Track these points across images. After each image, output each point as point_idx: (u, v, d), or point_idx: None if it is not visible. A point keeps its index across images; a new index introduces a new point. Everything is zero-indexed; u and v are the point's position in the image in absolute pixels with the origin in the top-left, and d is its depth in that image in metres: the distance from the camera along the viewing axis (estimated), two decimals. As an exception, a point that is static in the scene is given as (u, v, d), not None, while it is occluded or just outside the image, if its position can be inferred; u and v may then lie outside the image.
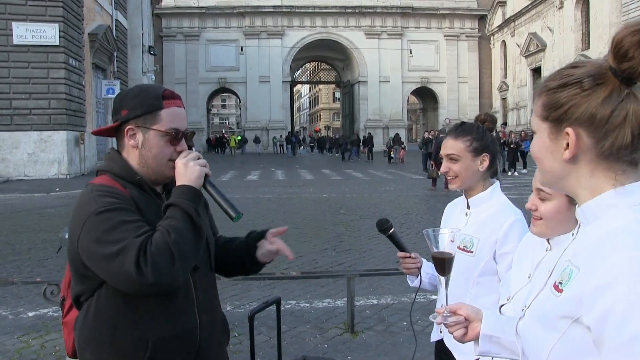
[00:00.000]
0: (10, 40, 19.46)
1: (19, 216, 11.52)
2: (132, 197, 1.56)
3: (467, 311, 1.27)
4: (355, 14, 46.27)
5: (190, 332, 1.59)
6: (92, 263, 1.47)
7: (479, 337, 1.25)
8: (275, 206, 12.81)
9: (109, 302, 1.53)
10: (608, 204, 0.96)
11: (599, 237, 0.94)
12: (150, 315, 1.54)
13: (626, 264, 0.85)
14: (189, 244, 1.47)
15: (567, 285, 0.95)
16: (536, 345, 1.01)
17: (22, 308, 5.28)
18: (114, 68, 27.16)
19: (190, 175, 1.55)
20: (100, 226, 1.44)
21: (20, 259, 7.37)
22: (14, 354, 4.22)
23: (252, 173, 23.76)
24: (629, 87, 0.94)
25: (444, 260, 1.37)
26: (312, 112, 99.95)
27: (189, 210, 1.49)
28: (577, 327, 0.92)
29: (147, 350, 1.52)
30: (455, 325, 1.27)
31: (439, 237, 1.37)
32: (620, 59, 0.93)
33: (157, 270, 1.39)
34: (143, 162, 1.61)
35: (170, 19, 45.09)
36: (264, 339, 4.40)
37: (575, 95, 0.97)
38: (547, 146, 1.02)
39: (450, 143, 2.04)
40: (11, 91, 19.55)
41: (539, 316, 1.02)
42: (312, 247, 8.04)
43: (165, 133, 1.59)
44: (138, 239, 1.42)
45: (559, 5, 36.33)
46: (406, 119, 50.31)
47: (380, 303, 5.35)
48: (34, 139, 19.82)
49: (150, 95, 1.61)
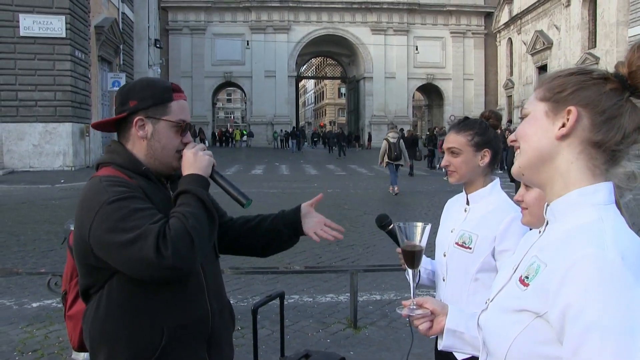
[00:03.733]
0: (17, 32, 19.47)
1: (24, 207, 11.56)
2: (141, 186, 1.56)
3: (433, 305, 1.29)
4: (361, 10, 46.11)
5: (202, 318, 1.61)
6: (106, 253, 1.46)
7: (443, 332, 1.27)
8: (280, 201, 12.82)
9: (122, 292, 1.53)
10: (574, 202, 1.00)
11: (564, 234, 0.98)
12: (164, 303, 1.54)
13: (585, 260, 0.89)
14: (205, 229, 1.49)
15: (534, 280, 0.98)
16: (498, 337, 1.03)
17: (27, 298, 5.31)
18: (120, 61, 27.17)
19: (199, 164, 1.58)
20: (114, 215, 1.44)
21: (24, 250, 7.40)
22: (18, 344, 4.24)
23: (256, 167, 23.77)
24: (630, 94, 1.00)
25: (413, 253, 1.36)
26: (317, 107, 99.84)
27: (202, 197, 1.51)
28: (540, 320, 0.95)
29: (162, 338, 1.52)
30: (421, 319, 1.28)
31: (410, 229, 1.37)
32: (629, 67, 1.00)
33: (177, 254, 1.39)
34: (151, 153, 1.62)
35: (176, 12, 45.03)
36: (267, 332, 4.41)
37: (585, 81, 1.01)
38: (541, 124, 1.03)
39: (452, 137, 2.04)
40: (17, 83, 19.58)
41: (502, 309, 1.04)
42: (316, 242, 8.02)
43: (176, 124, 1.62)
44: (155, 225, 1.42)
45: (566, 3, 36.12)
46: (411, 115, 50.19)
47: (384, 298, 5.36)
48: (39, 130, 19.87)
49: (161, 87, 1.65)
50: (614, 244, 0.91)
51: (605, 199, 1.00)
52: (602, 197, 0.99)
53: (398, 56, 46.39)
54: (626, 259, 0.89)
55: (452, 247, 2.01)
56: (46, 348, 4.16)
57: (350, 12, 46.11)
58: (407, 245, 1.37)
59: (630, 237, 0.96)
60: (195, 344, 1.59)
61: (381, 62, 46.37)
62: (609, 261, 0.89)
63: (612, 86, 1.00)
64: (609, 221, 0.96)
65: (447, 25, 47.26)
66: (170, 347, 1.53)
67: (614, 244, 0.91)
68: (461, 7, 46.88)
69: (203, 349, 1.61)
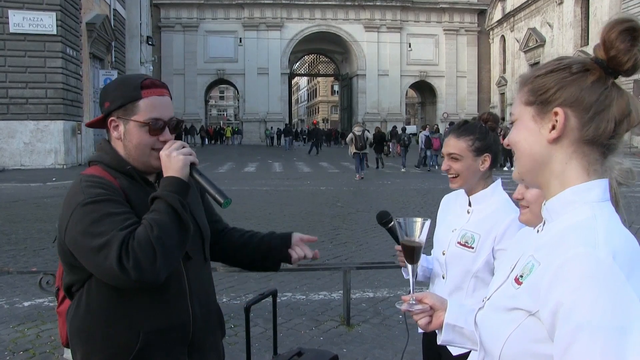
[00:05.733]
0: (7, 28, 19.36)
1: (15, 206, 11.49)
2: (122, 187, 1.54)
3: (433, 300, 1.29)
4: (354, 7, 46.12)
5: (182, 323, 1.58)
6: (78, 255, 1.46)
7: (443, 326, 1.27)
8: (273, 198, 12.80)
9: (99, 293, 1.52)
10: (568, 201, 1.00)
11: (558, 233, 0.98)
12: (141, 306, 1.52)
13: (576, 259, 0.89)
14: (173, 237, 1.45)
15: (527, 279, 0.98)
16: (493, 334, 1.04)
17: (18, 298, 5.27)
18: (112, 58, 27.05)
19: (174, 166, 1.52)
20: (87, 218, 1.43)
21: (16, 249, 7.35)
22: (9, 344, 4.21)
23: (249, 165, 23.73)
24: (613, 78, 0.98)
25: (413, 248, 1.36)
26: (310, 105, 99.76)
27: (172, 203, 1.46)
28: (532, 319, 0.95)
29: (138, 342, 1.51)
30: (420, 314, 1.28)
31: (410, 224, 1.36)
32: (607, 51, 0.97)
33: (138, 267, 1.37)
34: (127, 153, 1.60)
35: (168, 9, 44.87)
36: (260, 330, 4.40)
37: (564, 78, 0.99)
38: (531, 129, 1.02)
39: (452, 142, 2.03)
40: (7, 80, 19.47)
41: (497, 307, 1.05)
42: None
43: (143, 124, 1.56)
44: (122, 232, 1.40)
45: (559, 0, 36.28)
46: (404, 112, 50.30)
47: (377, 296, 5.36)
48: (30, 128, 19.76)
49: (129, 86, 1.59)
50: (605, 242, 0.91)
51: (599, 196, 0.99)
52: (596, 194, 0.99)
53: (391, 53, 46.45)
54: (617, 257, 0.89)
55: (454, 246, 2.03)
56: (38, 347, 4.14)
57: (343, 9, 46.11)
58: (406, 240, 1.36)
59: (623, 235, 0.95)
60: (175, 349, 1.56)
61: (374, 60, 46.41)
62: (600, 260, 0.88)
63: (594, 77, 0.97)
64: (603, 219, 0.96)
65: (441, 23, 47.36)
66: (147, 351, 1.51)
67: (605, 242, 0.91)
68: (454, 5, 47.00)
69: (184, 355, 1.59)
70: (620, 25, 0.96)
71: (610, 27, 0.96)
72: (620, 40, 0.95)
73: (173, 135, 1.62)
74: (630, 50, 0.95)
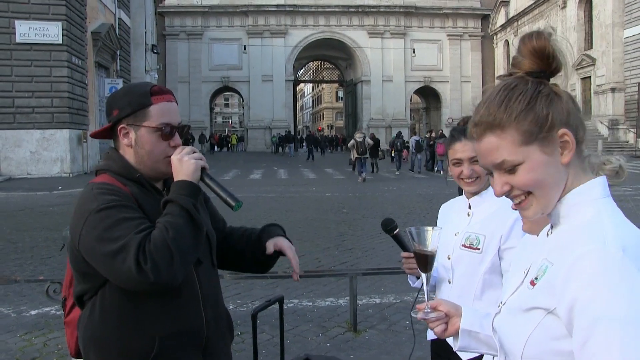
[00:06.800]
0: (13, 38, 19.47)
1: (22, 214, 11.54)
2: (133, 194, 1.55)
3: (447, 307, 1.29)
4: (358, 13, 46.21)
5: (197, 327, 1.59)
6: (94, 261, 1.46)
7: (459, 333, 1.27)
8: (278, 205, 12.81)
9: (114, 300, 1.52)
10: (575, 203, 1.04)
11: (567, 234, 1.02)
12: (156, 312, 1.53)
13: (587, 256, 0.93)
14: (188, 239, 1.46)
15: (541, 279, 1.01)
16: (513, 337, 1.06)
17: (25, 306, 5.28)
18: (117, 67, 27.18)
19: (186, 170, 1.54)
20: (101, 224, 1.44)
21: (22, 257, 7.38)
22: (17, 352, 4.22)
23: (254, 172, 23.77)
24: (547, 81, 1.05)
25: (426, 257, 1.37)
26: (315, 111, 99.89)
27: (186, 206, 1.48)
28: (551, 316, 0.98)
29: (154, 348, 1.51)
30: (436, 321, 1.28)
31: (422, 233, 1.38)
32: (547, 63, 1.04)
33: (156, 268, 1.38)
34: (139, 159, 1.61)
35: (173, 17, 45.09)
36: (267, 337, 4.40)
37: (549, 102, 1.02)
38: (547, 161, 1.02)
39: (469, 145, 2.00)
40: (14, 89, 19.56)
41: (514, 310, 1.07)
42: (315, 246, 8.03)
43: (156, 129, 1.58)
44: (138, 235, 1.42)
45: (562, 4, 36.25)
46: (409, 118, 50.25)
47: (383, 302, 5.35)
48: (36, 137, 19.84)
49: (138, 92, 1.61)
50: (614, 237, 0.94)
51: (601, 192, 1.04)
52: (598, 192, 1.04)
53: (395, 59, 46.47)
54: (627, 250, 0.92)
55: (458, 249, 2.03)
56: (45, 356, 4.14)
57: (347, 16, 46.20)
58: (419, 249, 1.37)
59: (630, 229, 0.99)
60: (189, 353, 1.57)
61: (378, 66, 46.44)
62: (610, 255, 0.92)
63: (547, 91, 1.02)
64: (608, 214, 1.00)
65: (444, 28, 47.39)
66: (163, 357, 1.52)
67: (614, 237, 0.94)
68: (458, 10, 47.01)
69: (198, 359, 1.60)
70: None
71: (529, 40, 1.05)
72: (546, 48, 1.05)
73: (182, 140, 1.64)
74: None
